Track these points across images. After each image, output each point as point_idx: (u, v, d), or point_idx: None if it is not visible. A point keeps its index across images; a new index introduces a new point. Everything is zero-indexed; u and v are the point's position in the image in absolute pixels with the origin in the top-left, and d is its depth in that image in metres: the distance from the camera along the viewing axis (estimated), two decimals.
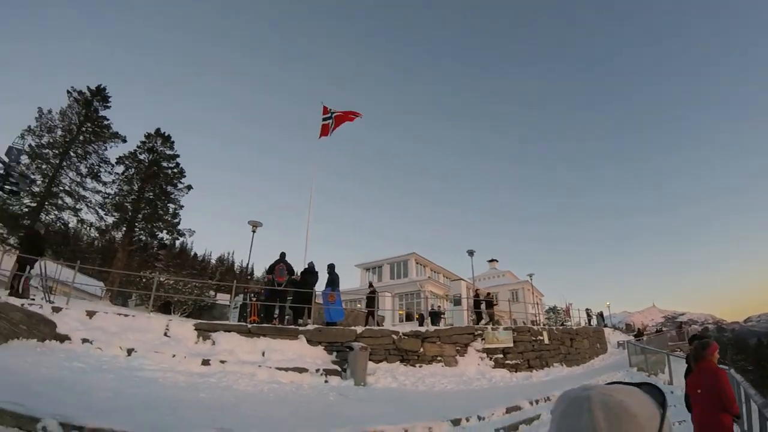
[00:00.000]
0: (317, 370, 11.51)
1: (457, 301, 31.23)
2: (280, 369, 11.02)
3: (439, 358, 15.18)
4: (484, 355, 16.34)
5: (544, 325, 22.35)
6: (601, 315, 40.93)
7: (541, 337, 19.02)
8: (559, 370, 18.54)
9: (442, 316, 28.36)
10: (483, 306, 22.76)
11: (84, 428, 4.98)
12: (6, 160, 13.07)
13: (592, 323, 33.99)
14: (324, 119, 21.39)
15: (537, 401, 10.39)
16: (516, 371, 16.42)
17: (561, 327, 23.22)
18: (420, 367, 14.48)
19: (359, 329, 14.39)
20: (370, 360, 12.59)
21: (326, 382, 11.19)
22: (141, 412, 6.06)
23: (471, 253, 28.06)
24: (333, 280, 16.20)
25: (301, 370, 11.25)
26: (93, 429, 5.00)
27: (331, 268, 16.47)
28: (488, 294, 27.47)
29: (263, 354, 11.92)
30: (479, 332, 16.87)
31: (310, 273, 16.17)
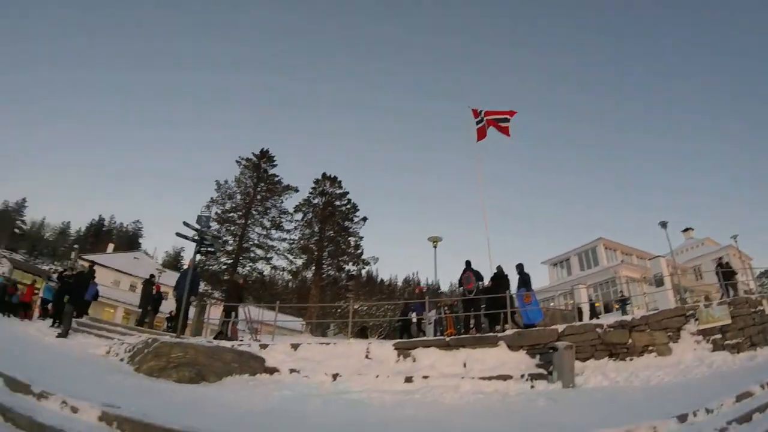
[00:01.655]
0: (521, 376, 11.08)
1: (659, 282, 29.08)
2: (483, 378, 10.79)
3: (650, 348, 14.02)
4: (700, 337, 14.83)
5: (729, 295, 19.58)
6: None
7: (761, 307, 17.02)
8: None
9: (627, 303, 26.63)
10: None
11: None
12: (198, 227, 14.51)
13: None
14: (478, 122, 20.95)
15: None
16: (737, 352, 14.68)
17: None
18: (630, 360, 13.46)
19: (560, 327, 13.64)
20: (576, 359, 11.99)
21: (532, 387, 10.73)
22: None
23: (664, 225, 25.86)
24: (525, 281, 15.70)
25: (504, 378, 10.92)
26: None
27: (520, 268, 16.03)
28: (727, 263, 24.45)
29: (464, 365, 11.80)
30: (690, 312, 15.42)
31: (500, 277, 15.80)
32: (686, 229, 56.15)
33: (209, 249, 15.83)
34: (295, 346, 12.77)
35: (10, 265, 46.35)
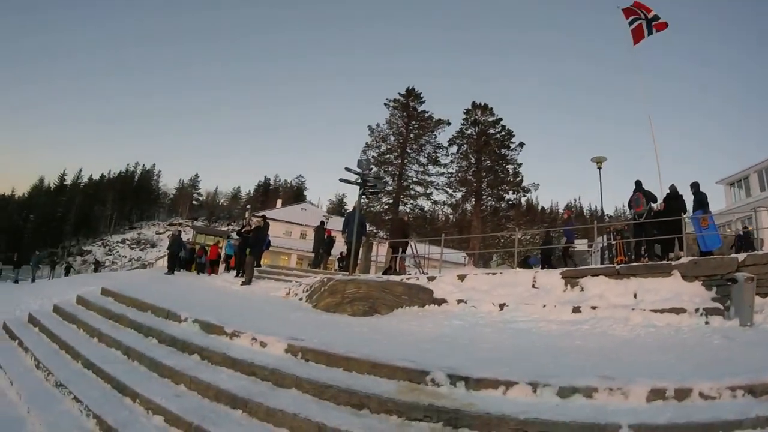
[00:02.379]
0: (696, 310, 10.45)
1: None
2: (654, 311, 10.39)
3: None
4: None
5: None
6: None
7: None
8: None
9: None
10: None
11: (469, 378, 5.39)
12: (360, 170, 15.29)
13: None
14: (632, 21, 18.51)
15: None
16: None
17: None
18: None
19: (741, 257, 12.26)
20: (756, 294, 11.20)
21: (707, 323, 10.12)
22: (520, 361, 6.38)
23: None
24: (702, 201, 14.17)
25: (678, 311, 10.41)
26: (478, 379, 5.38)
27: (696, 187, 14.48)
28: None
29: (635, 296, 11.31)
30: None
31: (675, 198, 14.42)
32: None
33: (373, 190, 16.53)
34: (461, 277, 13.15)
35: (194, 231, 52.21)
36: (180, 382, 6.40)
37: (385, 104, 43.19)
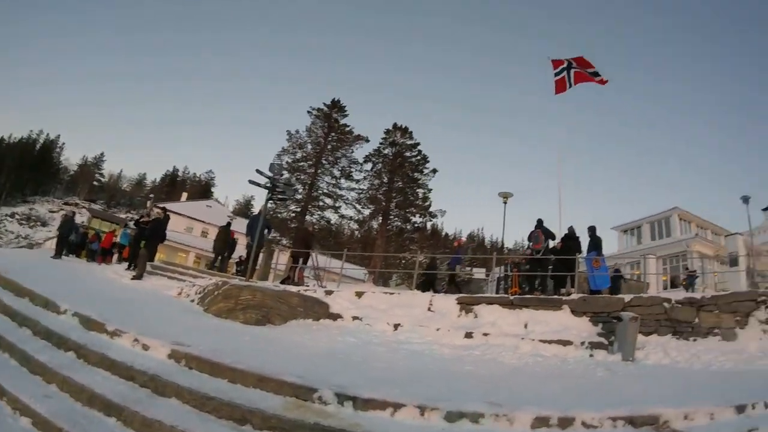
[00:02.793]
0: (582, 343, 10.99)
1: (733, 261, 27.85)
2: (543, 341, 10.79)
3: (715, 331, 13.51)
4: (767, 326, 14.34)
5: None
6: None
7: None
8: None
9: (696, 279, 25.88)
10: None
11: (358, 398, 5.32)
12: (271, 174, 15.12)
13: None
14: (557, 73, 19.21)
15: None
16: None
17: None
18: (694, 341, 13.06)
19: (627, 297, 13.34)
20: (639, 332, 11.86)
21: (591, 356, 10.66)
22: (411, 383, 6.35)
23: (746, 199, 24.55)
24: (596, 244, 15.18)
25: (564, 343, 10.87)
26: (366, 399, 5.32)
27: (592, 230, 15.37)
28: None
29: (526, 326, 11.77)
30: (762, 299, 14.73)
31: (572, 239, 15.34)
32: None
33: (281, 196, 16.32)
34: (359, 294, 13.07)
35: (89, 215, 49.41)
36: (52, 381, 5.92)
37: (308, 111, 43.07)
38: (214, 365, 6.18)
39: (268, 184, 15.05)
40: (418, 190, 42.41)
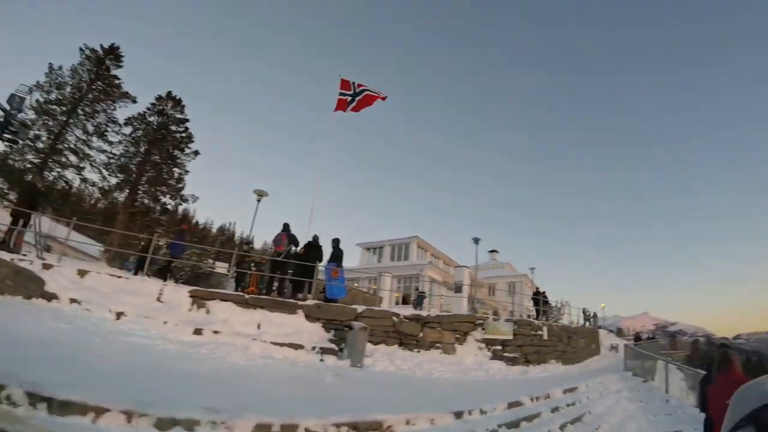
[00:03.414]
0: (313, 348, 11.13)
1: (458, 288, 30.91)
2: (275, 344, 10.62)
3: (437, 345, 14.84)
4: (483, 345, 16.01)
5: (544, 320, 22.21)
6: (595, 316, 41.09)
7: (541, 332, 18.71)
8: (555, 368, 18.24)
9: (424, 299, 28.42)
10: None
11: (54, 400, 4.39)
12: (7, 107, 12.63)
13: (588, 323, 33.74)
14: (342, 94, 19.76)
15: (537, 398, 10.03)
16: (513, 365, 16.10)
17: (558, 324, 22.88)
18: (418, 352, 14.14)
19: (360, 308, 13.94)
20: (368, 341, 12.25)
21: (322, 360, 10.81)
22: (124, 383, 5.56)
23: (476, 240, 27.79)
24: (337, 256, 15.66)
25: (296, 347, 10.85)
26: (64, 401, 4.42)
27: (336, 242, 15.92)
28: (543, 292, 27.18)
29: (259, 326, 11.52)
30: (480, 322, 16.54)
31: (314, 247, 15.47)
32: (492, 251, 62.20)
33: (10, 136, 13.67)
34: (82, 273, 11.60)
35: None
36: None
37: (81, 49, 36.72)
38: None
39: (1, 119, 12.63)
40: (174, 169, 38.82)
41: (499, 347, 16.31)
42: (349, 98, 19.64)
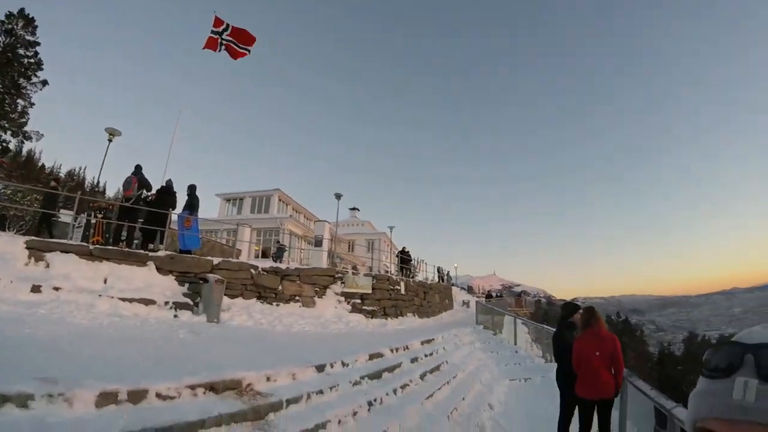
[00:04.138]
0: (166, 303, 10.46)
1: (318, 242, 30.75)
2: (124, 300, 9.78)
3: (297, 298, 14.66)
4: (342, 299, 16.08)
5: (402, 276, 22.81)
6: (449, 274, 43.25)
7: (398, 287, 19.14)
8: (412, 321, 18.81)
9: (284, 252, 28.27)
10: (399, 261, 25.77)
11: None
12: None
13: (442, 281, 35.16)
14: (214, 32, 18.45)
15: (397, 349, 10.20)
16: (372, 318, 16.35)
17: (414, 280, 23.56)
18: (277, 305, 13.89)
19: (216, 260, 13.24)
20: (225, 295, 11.75)
21: (176, 317, 10.21)
22: None
23: (338, 196, 27.48)
24: (192, 204, 14.62)
25: (147, 302, 10.11)
26: None
27: (191, 189, 14.84)
28: (408, 251, 28.24)
29: (105, 281, 10.50)
30: (339, 275, 16.56)
31: (168, 193, 14.29)
32: (353, 208, 63.02)
33: None
34: None
35: None
36: None
37: None
38: None
39: None
40: (18, 100, 34.44)
41: (359, 301, 16.48)
42: (220, 39, 18.43)
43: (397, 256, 27.13)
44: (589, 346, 5.93)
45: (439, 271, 36.51)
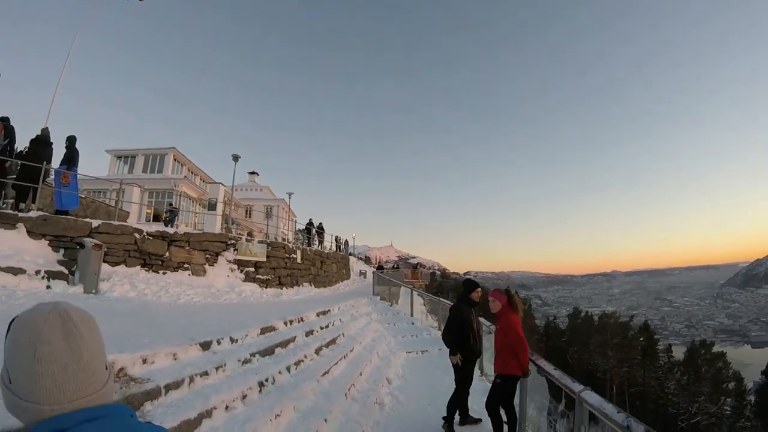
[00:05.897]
0: (38, 272, 9.43)
1: (212, 206, 29.45)
2: None
3: (186, 266, 13.86)
4: (235, 267, 15.47)
5: (299, 244, 22.41)
6: (346, 243, 43.21)
7: (295, 256, 18.73)
8: (308, 290, 18.53)
9: (176, 216, 26.94)
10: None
11: None
12: None
13: (339, 250, 35.02)
14: None
15: (291, 322, 9.77)
16: (267, 287, 15.88)
17: (311, 249, 23.15)
18: (164, 274, 13.06)
19: (95, 223, 12.00)
20: (105, 262, 10.85)
21: (48, 288, 9.28)
22: None
23: (236, 158, 26.22)
24: (71, 157, 12.82)
25: (16, 271, 9.05)
26: None
27: (70, 140, 12.99)
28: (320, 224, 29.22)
29: None
30: (232, 242, 15.85)
31: (42, 143, 12.44)
32: (252, 172, 61.39)
33: None
34: None
35: None
36: None
37: None
38: None
39: None
40: None
41: (252, 269, 15.92)
42: None
43: (306, 228, 28.15)
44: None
45: (336, 240, 36.33)
